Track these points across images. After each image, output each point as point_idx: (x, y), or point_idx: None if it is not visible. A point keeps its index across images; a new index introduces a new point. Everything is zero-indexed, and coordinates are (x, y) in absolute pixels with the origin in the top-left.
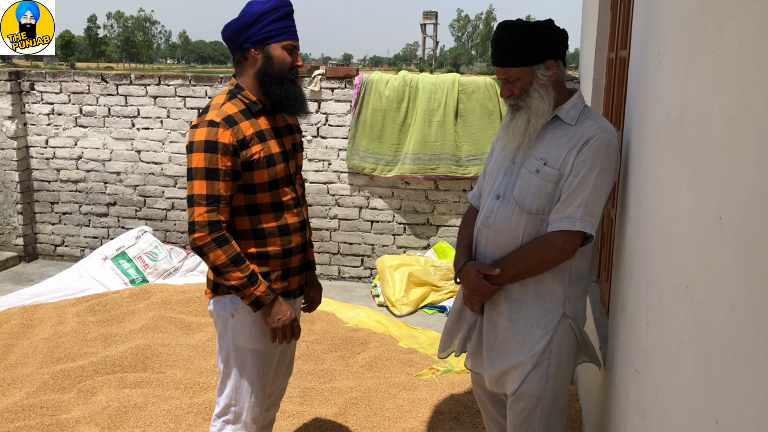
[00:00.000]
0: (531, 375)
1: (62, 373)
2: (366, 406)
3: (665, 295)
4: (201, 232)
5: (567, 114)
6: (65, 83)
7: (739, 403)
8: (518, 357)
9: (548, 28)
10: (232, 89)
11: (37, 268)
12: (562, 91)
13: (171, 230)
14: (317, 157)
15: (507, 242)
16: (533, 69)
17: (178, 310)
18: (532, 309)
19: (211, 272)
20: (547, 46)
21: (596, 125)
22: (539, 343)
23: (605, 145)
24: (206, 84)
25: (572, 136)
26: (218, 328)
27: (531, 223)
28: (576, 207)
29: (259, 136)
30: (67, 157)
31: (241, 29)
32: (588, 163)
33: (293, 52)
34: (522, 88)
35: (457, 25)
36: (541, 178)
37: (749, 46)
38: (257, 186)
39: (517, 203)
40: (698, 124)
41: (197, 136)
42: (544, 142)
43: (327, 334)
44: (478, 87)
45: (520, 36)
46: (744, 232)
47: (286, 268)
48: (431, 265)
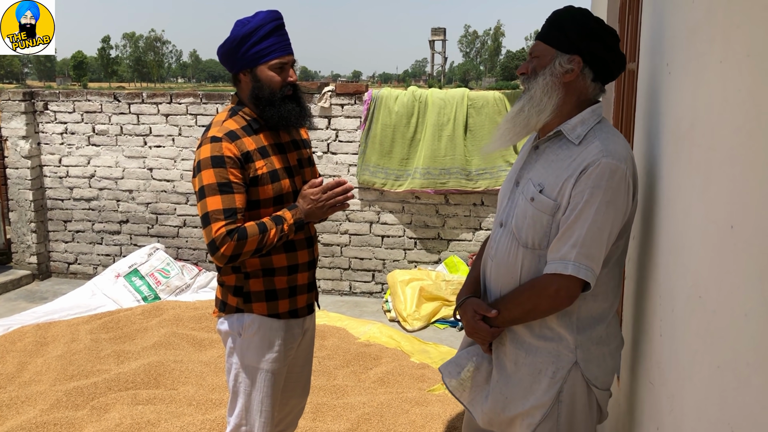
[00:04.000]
0: (540, 427)
1: (75, 391)
2: (378, 422)
3: (678, 306)
4: (224, 244)
5: (572, 131)
6: (78, 102)
7: (755, 411)
8: (524, 405)
9: (599, 27)
10: (234, 107)
11: (51, 286)
12: (580, 105)
13: (183, 247)
14: (328, 172)
15: (506, 278)
16: (556, 54)
17: (190, 326)
18: (539, 354)
19: (219, 291)
20: (584, 41)
21: (601, 147)
22: (547, 393)
23: (608, 172)
24: (217, 102)
25: (574, 160)
26: (226, 347)
27: (528, 258)
28: (570, 247)
29: (262, 152)
30: (80, 176)
31: (228, 54)
32: (586, 194)
33: (283, 69)
34: (535, 69)
35: (465, 41)
36: (536, 207)
37: (757, 55)
38: (262, 202)
39: (514, 234)
40: (708, 133)
41: (203, 154)
42: (546, 164)
43: (339, 349)
44: (487, 101)
45: (568, 15)
46: (756, 240)
47: (293, 285)
48: (442, 279)
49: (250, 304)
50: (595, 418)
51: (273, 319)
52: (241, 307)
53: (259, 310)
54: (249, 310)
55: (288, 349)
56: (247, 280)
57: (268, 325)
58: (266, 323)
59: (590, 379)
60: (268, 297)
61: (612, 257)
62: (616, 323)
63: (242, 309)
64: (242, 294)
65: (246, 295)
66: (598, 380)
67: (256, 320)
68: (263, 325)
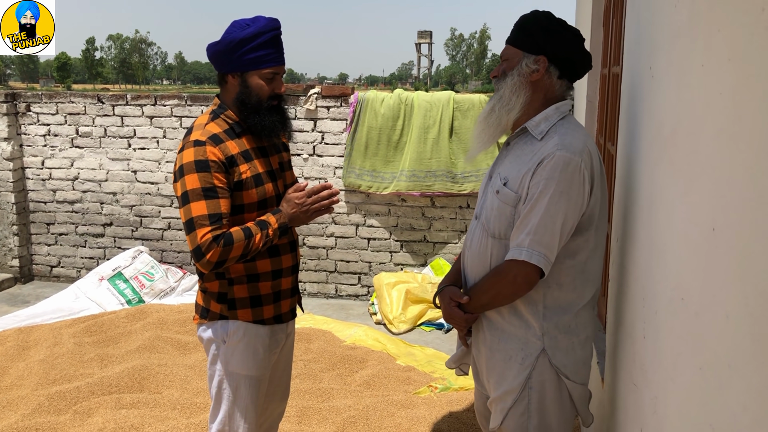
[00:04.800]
0: (511, 411)
1: (58, 395)
2: (364, 425)
3: (661, 308)
4: (210, 251)
5: (536, 127)
6: (61, 104)
7: (735, 412)
8: (498, 391)
9: (562, 28)
10: (216, 109)
11: (33, 289)
12: (547, 102)
13: (167, 250)
14: (313, 175)
15: (479, 267)
16: (522, 55)
17: (174, 330)
18: (510, 341)
19: (201, 297)
20: (547, 42)
21: (557, 141)
22: (517, 378)
23: (561, 164)
24: (202, 104)
25: (535, 154)
26: (209, 355)
27: (496, 247)
28: (525, 234)
29: (245, 156)
30: (63, 178)
31: (220, 54)
32: (541, 185)
33: (274, 79)
34: (504, 71)
35: (451, 44)
36: (500, 200)
37: (738, 59)
38: (246, 206)
39: (484, 226)
40: (690, 136)
41: (186, 158)
42: (512, 159)
43: (324, 352)
44: (473, 104)
45: (533, 19)
46: (737, 243)
47: (276, 291)
48: (429, 282)
49: (235, 311)
50: (569, 410)
51: (258, 326)
52: (226, 314)
53: (245, 316)
54: (234, 317)
55: (272, 354)
56: (232, 286)
57: (253, 332)
58: (251, 330)
59: (559, 367)
60: (252, 303)
61: (579, 250)
62: (589, 315)
63: (226, 316)
64: (226, 300)
65: (230, 301)
66: (567, 369)
67: (241, 327)
68: (248, 332)
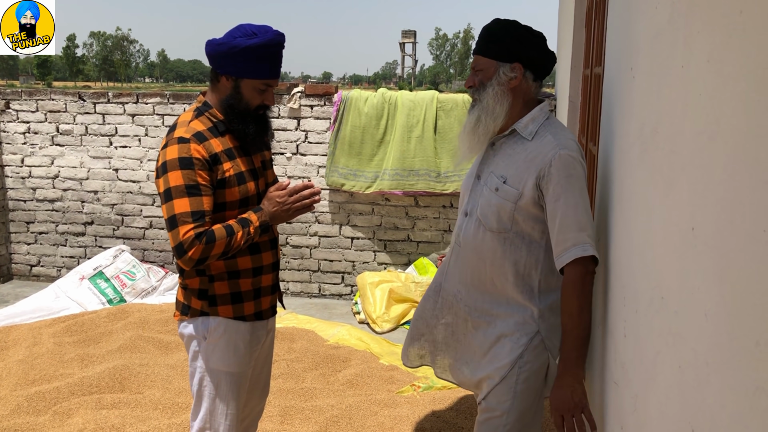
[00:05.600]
0: (497, 388)
1: (37, 396)
2: (347, 424)
3: (641, 307)
4: (192, 248)
5: (525, 128)
6: (42, 102)
7: (714, 410)
8: (488, 369)
9: (530, 34)
10: (200, 107)
11: (12, 288)
12: (527, 104)
13: (149, 249)
14: (297, 174)
15: (473, 259)
16: (498, 65)
17: (156, 329)
18: (506, 324)
19: (181, 294)
20: (521, 49)
21: (555, 142)
22: (509, 356)
23: (571, 162)
24: (185, 102)
25: (529, 152)
26: (190, 351)
27: (493, 239)
28: (578, 232)
29: (228, 154)
30: (44, 176)
31: (220, 55)
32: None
33: (266, 91)
34: (481, 81)
35: (435, 43)
36: (500, 196)
37: (716, 61)
38: (228, 204)
39: (480, 221)
40: (670, 137)
41: (169, 155)
42: (504, 158)
43: (307, 352)
44: (456, 104)
45: (501, 29)
46: (715, 242)
47: (257, 287)
48: (412, 281)
49: (216, 307)
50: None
51: (239, 322)
52: (206, 311)
53: (225, 313)
54: (214, 313)
55: (253, 351)
56: (212, 283)
57: (234, 328)
58: (232, 326)
59: (551, 348)
60: (233, 300)
61: None
62: None
63: (207, 312)
64: (207, 297)
65: (211, 298)
66: (556, 349)
67: (221, 323)
68: (229, 328)
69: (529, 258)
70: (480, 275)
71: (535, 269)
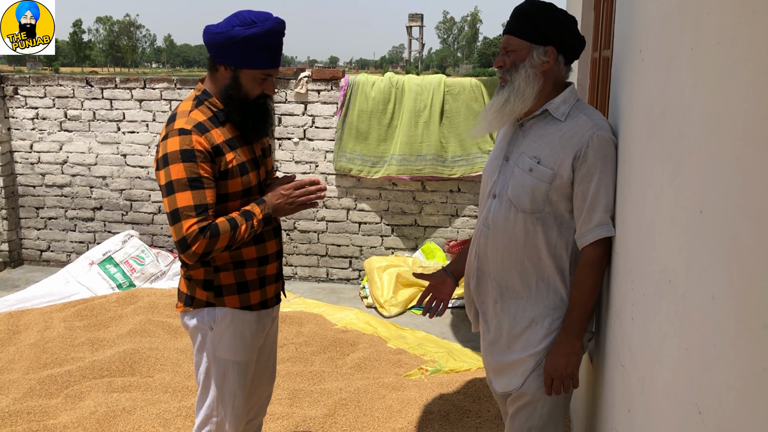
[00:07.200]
0: (533, 374)
1: (49, 379)
2: (355, 407)
3: (649, 290)
4: (196, 242)
5: (557, 109)
6: (49, 87)
7: (720, 392)
8: (521, 354)
9: (565, 18)
10: (199, 95)
11: (23, 273)
12: (556, 87)
13: (158, 234)
14: (304, 159)
15: (505, 241)
16: (531, 47)
17: (165, 313)
18: (537, 307)
19: (185, 285)
20: (555, 33)
21: (591, 122)
22: (543, 342)
23: (606, 143)
24: (192, 87)
25: (564, 133)
26: (195, 342)
27: (525, 219)
28: (604, 212)
29: (230, 144)
30: (52, 162)
31: (220, 45)
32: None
33: (266, 80)
34: (513, 62)
35: (443, 27)
36: (534, 177)
37: (726, 43)
38: (230, 195)
39: (512, 202)
40: (679, 120)
41: (170, 147)
42: (536, 139)
43: (316, 335)
44: (464, 88)
45: (536, 10)
46: (724, 225)
47: (262, 276)
48: (419, 265)
49: (222, 298)
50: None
51: (245, 312)
52: (212, 301)
53: (232, 303)
54: (221, 304)
55: (258, 339)
56: (217, 273)
57: (240, 318)
58: (239, 316)
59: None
60: (239, 289)
61: None
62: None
63: (213, 303)
64: (213, 288)
65: (217, 288)
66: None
67: (228, 313)
68: (236, 318)
69: (560, 239)
70: (511, 257)
71: (565, 251)
